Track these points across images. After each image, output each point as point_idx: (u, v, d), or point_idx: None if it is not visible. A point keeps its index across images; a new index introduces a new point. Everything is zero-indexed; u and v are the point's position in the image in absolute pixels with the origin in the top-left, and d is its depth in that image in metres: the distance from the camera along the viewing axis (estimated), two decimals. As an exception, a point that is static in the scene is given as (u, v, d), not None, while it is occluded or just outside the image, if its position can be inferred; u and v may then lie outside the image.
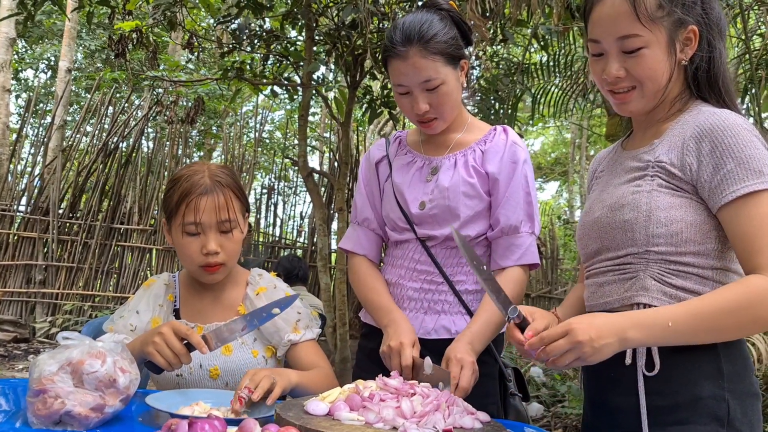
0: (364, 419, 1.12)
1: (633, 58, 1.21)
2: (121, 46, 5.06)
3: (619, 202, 1.24)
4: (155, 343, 1.35)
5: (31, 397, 1.12)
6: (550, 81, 5.35)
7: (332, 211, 6.74)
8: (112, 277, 7.15)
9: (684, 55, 1.23)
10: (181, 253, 1.58)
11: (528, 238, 1.63)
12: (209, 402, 1.31)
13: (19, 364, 5.76)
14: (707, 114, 1.19)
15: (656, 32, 1.19)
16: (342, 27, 4.15)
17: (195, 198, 1.52)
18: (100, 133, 7.47)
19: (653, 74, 1.21)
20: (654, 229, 1.19)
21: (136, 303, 1.62)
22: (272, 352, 1.63)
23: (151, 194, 7.31)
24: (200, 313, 1.63)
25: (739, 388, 1.17)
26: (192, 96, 8.52)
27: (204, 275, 1.58)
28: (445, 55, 1.56)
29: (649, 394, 1.18)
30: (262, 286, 1.66)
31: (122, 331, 1.56)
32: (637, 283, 1.21)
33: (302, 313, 1.65)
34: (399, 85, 1.60)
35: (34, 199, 7.05)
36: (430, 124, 1.64)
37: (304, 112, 4.67)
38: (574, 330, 1.07)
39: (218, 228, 1.54)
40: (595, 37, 1.25)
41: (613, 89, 1.26)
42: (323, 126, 13.05)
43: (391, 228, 1.72)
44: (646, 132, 1.32)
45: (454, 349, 1.47)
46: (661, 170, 1.21)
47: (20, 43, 13.91)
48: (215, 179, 1.55)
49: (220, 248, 1.54)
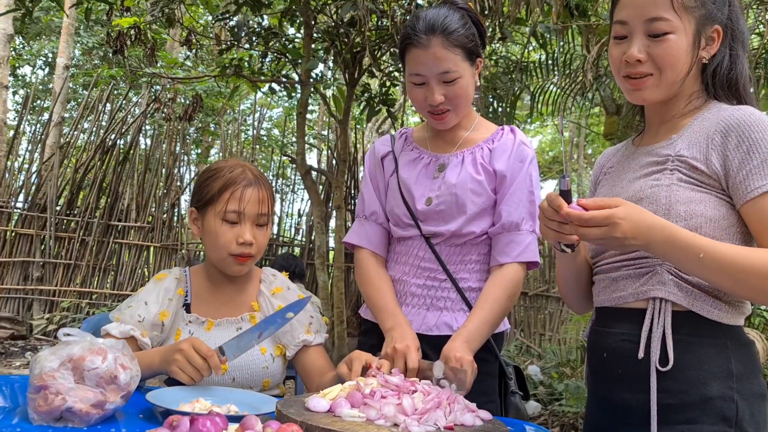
0: (365, 416, 1.12)
1: (658, 42, 1.21)
2: (119, 42, 5.04)
3: (636, 195, 1.23)
4: (177, 361, 1.36)
5: (32, 394, 1.12)
6: (548, 79, 5.35)
7: (330, 209, 6.74)
8: (109, 274, 7.14)
9: (706, 52, 1.23)
10: (214, 241, 1.59)
11: (529, 236, 1.63)
12: (210, 399, 1.31)
13: (16, 361, 5.75)
14: (732, 110, 1.20)
15: (685, 21, 1.20)
16: (340, 24, 4.14)
17: (241, 188, 1.57)
18: (97, 130, 7.46)
19: (675, 62, 1.21)
20: (674, 223, 1.17)
21: (146, 295, 1.62)
22: (281, 351, 1.64)
23: (149, 191, 7.30)
24: (212, 308, 1.64)
25: (747, 388, 1.16)
26: (190, 93, 8.51)
27: (233, 265, 1.60)
28: (465, 49, 1.58)
29: (658, 393, 1.17)
30: (278, 287, 1.69)
31: (129, 322, 1.56)
32: (654, 278, 1.20)
33: (314, 317, 1.69)
34: (416, 75, 1.60)
35: (31, 195, 7.03)
36: (442, 117, 1.64)
37: (302, 110, 4.67)
38: (616, 225, 1.08)
39: (255, 221, 1.59)
40: (623, 18, 1.24)
41: (630, 73, 1.25)
42: (321, 123, 13.04)
43: (394, 224, 1.72)
44: (660, 128, 1.31)
45: (452, 348, 1.47)
46: (682, 164, 1.21)
47: (18, 39, 13.87)
48: (257, 176, 1.61)
49: (254, 240, 1.58)
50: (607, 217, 1.08)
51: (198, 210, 1.63)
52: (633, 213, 1.10)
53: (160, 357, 1.42)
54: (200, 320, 1.61)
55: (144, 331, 1.55)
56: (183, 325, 1.60)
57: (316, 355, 1.65)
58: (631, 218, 1.09)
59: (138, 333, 1.53)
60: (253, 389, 1.55)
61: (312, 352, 1.65)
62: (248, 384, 1.56)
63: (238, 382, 1.54)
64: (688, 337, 1.18)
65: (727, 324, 1.18)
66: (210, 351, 1.38)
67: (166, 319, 1.58)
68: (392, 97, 4.95)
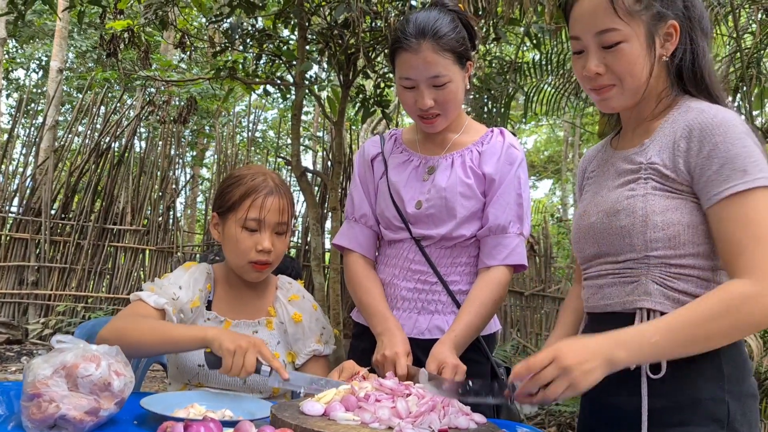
0: (359, 419, 1.12)
1: (612, 53, 1.21)
2: (113, 45, 5.02)
3: (614, 207, 1.23)
4: (240, 346, 1.33)
5: (26, 402, 1.12)
6: (542, 79, 5.36)
7: (326, 211, 6.74)
8: (105, 277, 7.11)
9: (665, 50, 1.22)
10: (233, 247, 1.60)
11: (516, 238, 1.63)
12: (204, 404, 1.31)
13: (11, 366, 5.73)
14: (696, 112, 1.18)
15: (634, 26, 1.19)
16: (334, 26, 4.14)
17: (262, 196, 1.58)
18: (92, 133, 7.43)
19: (632, 69, 1.21)
20: (651, 233, 1.18)
21: (177, 279, 1.62)
22: (293, 359, 1.67)
23: (144, 194, 7.28)
24: (230, 309, 1.66)
25: (738, 389, 1.17)
26: (184, 95, 8.49)
27: (251, 272, 1.62)
28: (455, 53, 1.58)
29: (650, 396, 1.18)
30: (295, 294, 1.72)
31: (164, 296, 1.56)
32: (640, 288, 1.21)
33: (326, 328, 1.72)
34: (406, 78, 1.60)
35: (26, 199, 7.00)
36: (433, 121, 1.63)
37: (297, 112, 4.67)
38: (561, 355, 1.06)
39: (275, 229, 1.60)
40: (576, 33, 1.25)
41: (594, 86, 1.25)
42: (316, 125, 13.03)
43: (385, 227, 1.72)
44: (635, 130, 1.31)
45: (440, 352, 1.49)
46: (654, 172, 1.20)
47: (11, 42, 13.82)
48: (278, 184, 1.62)
49: (272, 247, 1.59)
50: (551, 354, 1.08)
51: (219, 216, 1.65)
52: (572, 340, 1.12)
53: (223, 335, 1.37)
54: (219, 319, 1.63)
55: (175, 308, 1.56)
56: (202, 322, 1.62)
57: (318, 366, 1.67)
58: (572, 343, 1.10)
59: (170, 309, 1.54)
60: (262, 393, 1.56)
61: (316, 363, 1.68)
62: (258, 388, 1.57)
63: (249, 385, 1.56)
64: None
65: None
66: (273, 356, 1.37)
67: (195, 307, 1.60)
68: (387, 98, 4.95)
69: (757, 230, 1.10)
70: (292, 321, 1.67)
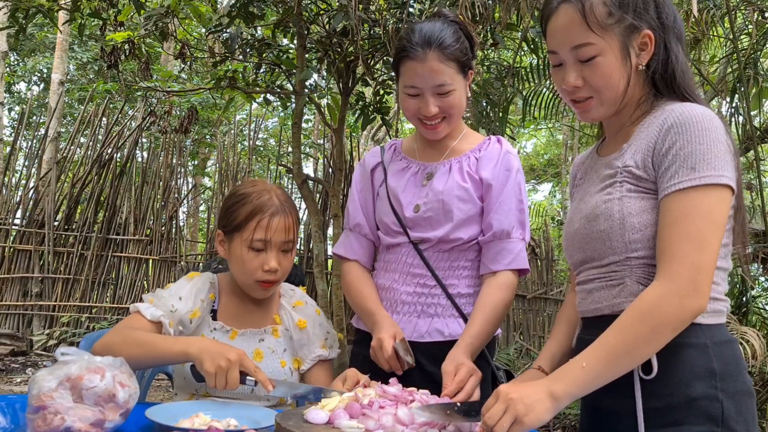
0: (363, 426, 1.13)
1: (588, 66, 1.22)
2: (114, 57, 5.05)
3: (593, 212, 1.25)
4: (219, 367, 1.35)
5: (31, 414, 1.13)
6: (541, 84, 5.37)
7: (328, 218, 6.75)
8: (108, 288, 7.13)
9: (641, 59, 1.23)
10: (240, 266, 1.62)
11: (519, 243, 1.67)
12: (209, 413, 1.32)
13: (17, 377, 5.74)
14: (668, 112, 1.20)
15: (608, 39, 1.20)
16: (333, 34, 4.16)
17: (268, 217, 1.59)
18: (94, 145, 7.46)
19: (609, 82, 1.22)
20: (630, 235, 1.19)
21: (178, 290, 1.63)
22: (299, 365, 1.68)
23: (147, 204, 7.30)
24: (237, 319, 1.67)
25: (732, 386, 1.17)
26: (185, 105, 8.52)
27: (258, 290, 1.63)
28: (459, 63, 1.62)
29: (644, 397, 1.18)
30: (299, 300, 1.73)
31: (161, 308, 1.57)
32: (625, 290, 1.22)
33: (330, 333, 1.73)
34: (411, 87, 1.63)
35: (29, 211, 7.03)
36: (435, 128, 1.67)
37: (297, 120, 4.68)
38: (503, 391, 1.10)
39: (281, 247, 1.61)
40: (553, 48, 1.27)
41: (573, 98, 1.27)
42: (317, 133, 13.06)
43: (384, 232, 1.75)
44: (616, 136, 1.33)
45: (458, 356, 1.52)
46: (629, 175, 1.22)
47: (12, 56, 13.89)
48: (283, 202, 1.63)
49: (279, 266, 1.60)
50: (495, 393, 1.11)
51: (225, 234, 1.65)
52: (517, 383, 1.16)
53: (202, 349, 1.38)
54: (225, 328, 1.64)
55: (172, 321, 1.56)
56: (208, 332, 1.63)
57: (323, 371, 1.69)
58: (512, 383, 1.15)
59: (167, 321, 1.55)
60: (269, 401, 1.57)
61: (321, 368, 1.69)
62: (266, 396, 1.57)
63: (256, 393, 1.56)
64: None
65: (706, 324, 1.18)
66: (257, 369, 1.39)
67: (195, 318, 1.60)
68: (386, 105, 4.96)
69: (688, 227, 1.10)
70: (297, 327, 1.69)
